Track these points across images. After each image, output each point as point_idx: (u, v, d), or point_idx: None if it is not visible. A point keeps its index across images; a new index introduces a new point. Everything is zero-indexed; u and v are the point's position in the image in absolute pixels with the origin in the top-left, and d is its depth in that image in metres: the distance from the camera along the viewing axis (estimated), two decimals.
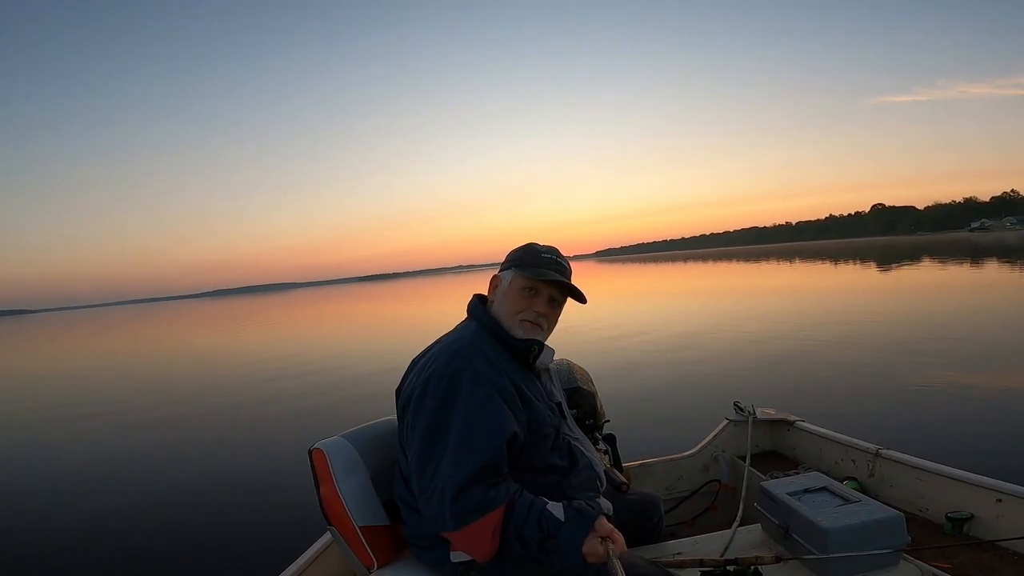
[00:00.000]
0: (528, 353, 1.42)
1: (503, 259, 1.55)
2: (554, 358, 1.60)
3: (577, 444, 1.49)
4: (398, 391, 1.41)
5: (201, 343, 19.12)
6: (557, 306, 1.49)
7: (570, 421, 1.57)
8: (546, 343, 1.48)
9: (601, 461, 1.66)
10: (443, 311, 22.92)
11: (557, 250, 1.50)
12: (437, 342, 1.44)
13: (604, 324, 12.11)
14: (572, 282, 1.50)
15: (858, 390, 5.69)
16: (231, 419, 7.18)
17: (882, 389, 5.65)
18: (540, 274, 1.43)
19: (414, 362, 1.42)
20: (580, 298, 1.51)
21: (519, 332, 1.43)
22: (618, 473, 1.89)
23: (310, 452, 1.48)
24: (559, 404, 1.53)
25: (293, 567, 1.70)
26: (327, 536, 1.83)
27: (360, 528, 1.42)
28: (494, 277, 1.53)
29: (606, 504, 1.50)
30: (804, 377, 6.53)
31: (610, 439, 2.09)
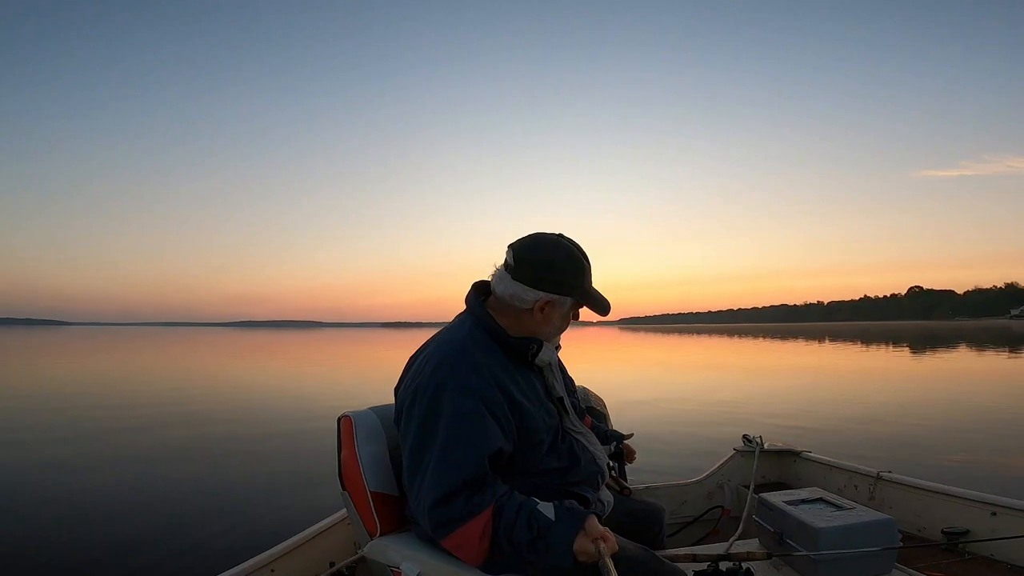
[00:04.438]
0: (527, 352, 1.36)
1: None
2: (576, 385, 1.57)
3: (580, 439, 1.45)
4: (396, 390, 1.39)
5: (215, 371, 18.43)
6: None
7: (572, 415, 1.50)
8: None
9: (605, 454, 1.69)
10: None
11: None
12: (433, 338, 1.40)
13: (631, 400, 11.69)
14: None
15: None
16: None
17: None
18: (603, 310, 1.39)
19: (411, 360, 1.39)
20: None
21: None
22: (622, 481, 1.88)
23: (339, 420, 1.54)
24: (560, 399, 1.47)
25: (299, 536, 1.79)
26: (328, 518, 1.98)
27: (371, 492, 1.45)
28: (547, 302, 1.33)
29: (607, 496, 1.50)
30: None
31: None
